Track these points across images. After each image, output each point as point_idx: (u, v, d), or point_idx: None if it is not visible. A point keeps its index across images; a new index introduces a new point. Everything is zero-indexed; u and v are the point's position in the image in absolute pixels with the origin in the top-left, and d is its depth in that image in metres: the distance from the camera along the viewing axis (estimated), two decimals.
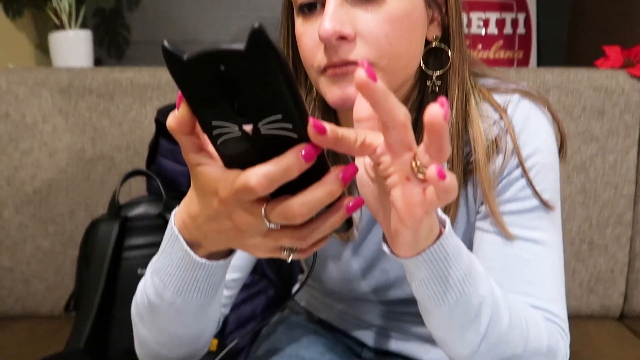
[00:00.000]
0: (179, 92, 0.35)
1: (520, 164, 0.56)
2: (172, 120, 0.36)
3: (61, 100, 1.12)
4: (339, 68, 0.51)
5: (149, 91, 1.12)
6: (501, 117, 0.57)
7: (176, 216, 0.44)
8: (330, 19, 0.49)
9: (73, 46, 1.32)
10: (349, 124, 0.50)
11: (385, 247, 0.43)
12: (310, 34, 0.53)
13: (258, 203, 0.36)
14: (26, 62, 1.36)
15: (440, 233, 0.41)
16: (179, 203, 0.45)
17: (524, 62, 1.48)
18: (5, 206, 1.12)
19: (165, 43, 0.32)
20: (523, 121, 0.57)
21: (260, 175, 0.34)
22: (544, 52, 1.50)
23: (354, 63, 0.51)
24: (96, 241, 0.88)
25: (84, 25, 1.38)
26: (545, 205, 0.55)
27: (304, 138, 0.33)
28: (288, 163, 0.33)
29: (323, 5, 0.52)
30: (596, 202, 1.10)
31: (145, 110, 1.12)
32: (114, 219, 0.89)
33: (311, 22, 0.53)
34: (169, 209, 0.90)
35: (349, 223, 0.40)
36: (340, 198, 0.38)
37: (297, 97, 0.31)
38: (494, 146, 0.57)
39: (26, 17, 1.34)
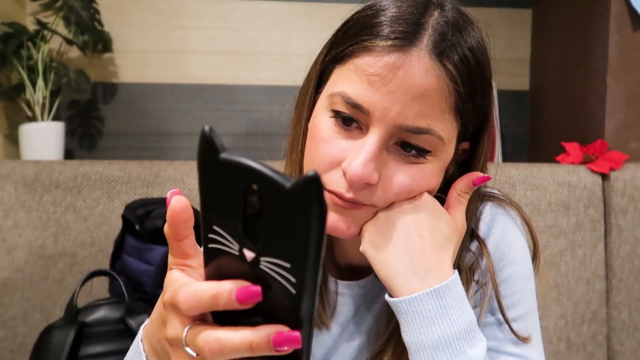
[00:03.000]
0: (172, 192, 0.33)
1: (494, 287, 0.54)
2: (167, 227, 0.34)
3: (25, 195, 1.08)
4: (346, 202, 0.48)
5: (118, 185, 1.10)
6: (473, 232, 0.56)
7: (145, 326, 0.41)
8: (365, 165, 0.46)
9: (44, 138, 1.31)
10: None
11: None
12: (335, 145, 0.49)
13: (188, 320, 0.33)
14: None
15: None
16: (142, 305, 0.42)
17: (489, 156, 1.53)
18: None
19: (206, 128, 0.29)
20: (500, 233, 0.57)
21: (190, 292, 0.31)
22: (508, 147, 1.56)
23: (363, 204, 0.49)
24: (49, 350, 0.82)
25: (56, 117, 1.38)
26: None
27: (301, 296, 0.28)
28: (218, 291, 0.30)
29: (359, 128, 0.48)
30: (569, 298, 1.10)
31: (113, 205, 1.10)
32: (70, 325, 0.83)
33: (342, 134, 0.49)
34: (131, 312, 0.85)
35: None
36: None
37: (318, 259, 0.28)
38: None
39: None
